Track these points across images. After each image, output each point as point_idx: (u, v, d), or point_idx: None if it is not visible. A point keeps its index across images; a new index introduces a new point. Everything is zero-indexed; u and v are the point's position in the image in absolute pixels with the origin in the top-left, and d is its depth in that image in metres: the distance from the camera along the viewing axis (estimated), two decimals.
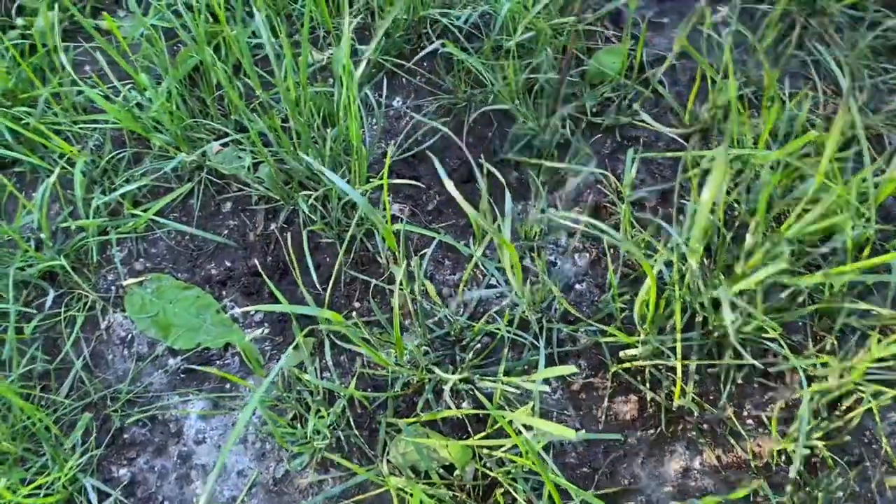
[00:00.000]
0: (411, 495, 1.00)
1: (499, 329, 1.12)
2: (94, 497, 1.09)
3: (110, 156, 1.30)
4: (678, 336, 1.01)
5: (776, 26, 1.31)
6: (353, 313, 1.21)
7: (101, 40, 1.15)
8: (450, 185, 0.84)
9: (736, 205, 1.20)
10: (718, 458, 1.10)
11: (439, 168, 0.84)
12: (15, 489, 1.07)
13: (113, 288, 1.25)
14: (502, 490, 1.06)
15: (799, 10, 1.38)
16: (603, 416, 1.12)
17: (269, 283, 1.22)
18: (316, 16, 1.34)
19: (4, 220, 1.30)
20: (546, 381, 1.10)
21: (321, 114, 1.26)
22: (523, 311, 1.12)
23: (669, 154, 1.26)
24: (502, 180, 1.13)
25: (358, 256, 1.24)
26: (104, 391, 1.17)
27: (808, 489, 1.05)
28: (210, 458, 1.14)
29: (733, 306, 1.04)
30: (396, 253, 0.95)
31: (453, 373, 1.12)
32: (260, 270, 1.24)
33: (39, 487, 1.08)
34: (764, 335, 1.11)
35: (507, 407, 1.10)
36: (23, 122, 1.29)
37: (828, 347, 1.13)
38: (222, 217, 1.29)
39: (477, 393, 1.09)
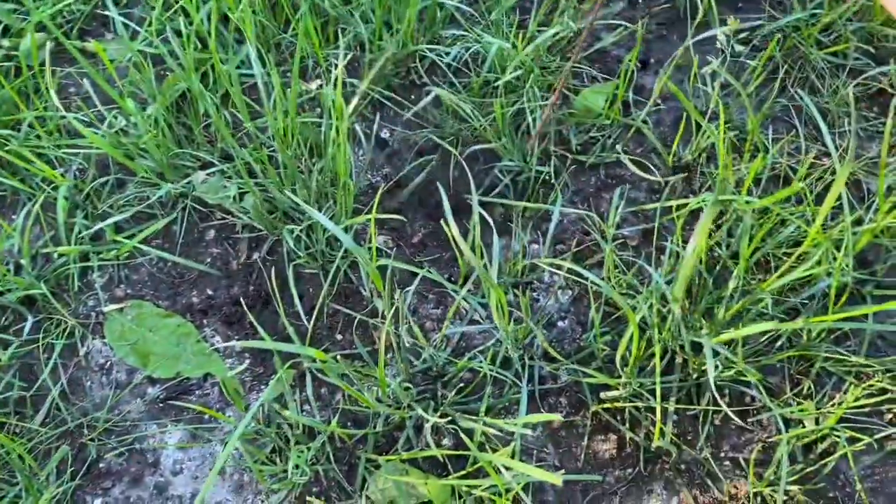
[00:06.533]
0: None
1: (481, 366, 1.13)
2: None
3: (94, 181, 1.29)
4: (658, 379, 1.02)
5: (760, 72, 1.33)
6: (335, 346, 1.20)
7: (86, 64, 1.14)
8: (455, 229, 0.84)
9: (717, 247, 1.22)
10: (695, 498, 1.11)
11: (447, 207, 0.85)
12: None
13: (93, 314, 1.24)
14: None
15: (783, 57, 1.40)
16: (582, 455, 1.13)
17: (251, 314, 1.22)
18: (305, 46, 1.35)
19: None
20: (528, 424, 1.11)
21: (307, 145, 1.26)
22: (506, 349, 1.13)
23: (651, 207, 1.28)
24: (488, 218, 1.14)
25: (341, 288, 1.24)
26: (81, 419, 1.16)
27: None
28: (187, 489, 1.13)
29: (715, 353, 1.05)
30: (382, 291, 0.95)
31: (435, 408, 1.12)
32: (241, 300, 1.23)
33: None
34: (742, 377, 1.13)
35: (487, 445, 1.11)
36: (5, 146, 1.27)
37: (804, 391, 1.15)
38: (205, 245, 1.28)
39: (459, 431, 1.09)
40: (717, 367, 1.03)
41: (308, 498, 1.08)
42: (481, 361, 1.14)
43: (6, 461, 1.11)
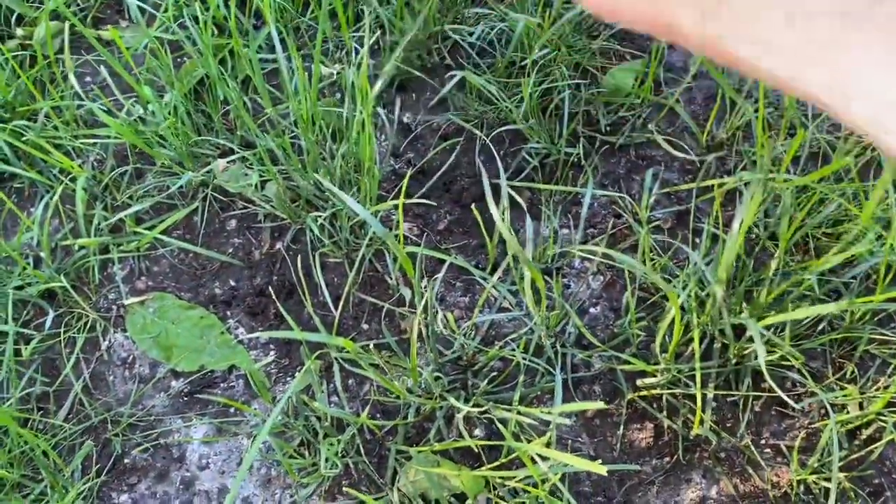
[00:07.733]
0: None
1: (513, 355, 1.09)
2: None
3: (112, 172, 1.26)
4: (697, 365, 0.98)
5: None
6: (361, 336, 1.18)
7: (103, 51, 1.11)
8: (496, 213, 0.81)
9: (754, 228, 1.18)
10: (736, 487, 1.07)
11: (487, 190, 0.81)
12: None
13: (114, 307, 1.22)
14: None
15: None
16: (618, 444, 1.10)
17: (275, 304, 1.19)
18: (325, 28, 1.31)
19: (2, 238, 1.26)
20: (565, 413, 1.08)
21: (329, 130, 1.23)
22: (539, 337, 1.09)
23: (685, 187, 1.24)
24: (520, 201, 1.11)
25: (366, 277, 1.21)
26: (105, 414, 1.14)
27: None
28: (213, 484, 1.11)
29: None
30: (412, 279, 0.92)
31: (465, 398, 1.09)
32: (265, 290, 1.21)
33: None
34: (784, 362, 1.09)
35: (521, 435, 1.08)
36: (22, 137, 1.25)
37: (847, 375, 1.11)
38: (227, 235, 1.26)
39: (494, 420, 1.06)
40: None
41: (347, 490, 1.05)
42: (513, 350, 1.11)
43: (30, 458, 1.09)
